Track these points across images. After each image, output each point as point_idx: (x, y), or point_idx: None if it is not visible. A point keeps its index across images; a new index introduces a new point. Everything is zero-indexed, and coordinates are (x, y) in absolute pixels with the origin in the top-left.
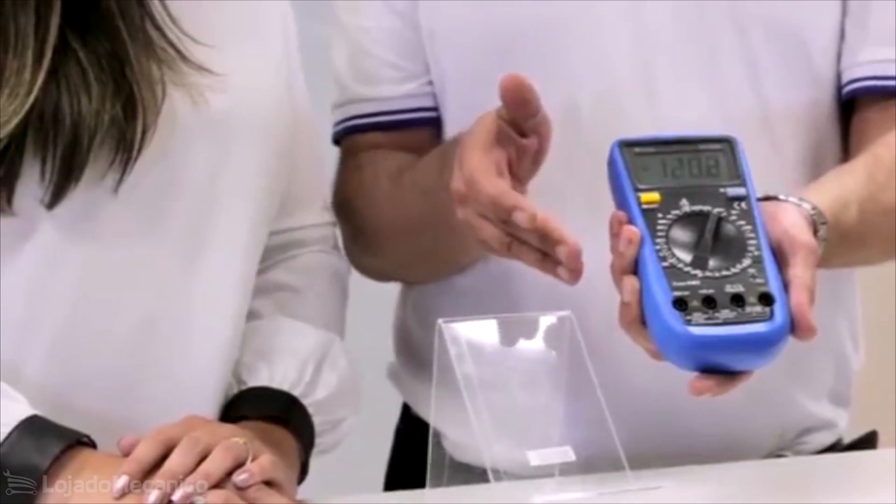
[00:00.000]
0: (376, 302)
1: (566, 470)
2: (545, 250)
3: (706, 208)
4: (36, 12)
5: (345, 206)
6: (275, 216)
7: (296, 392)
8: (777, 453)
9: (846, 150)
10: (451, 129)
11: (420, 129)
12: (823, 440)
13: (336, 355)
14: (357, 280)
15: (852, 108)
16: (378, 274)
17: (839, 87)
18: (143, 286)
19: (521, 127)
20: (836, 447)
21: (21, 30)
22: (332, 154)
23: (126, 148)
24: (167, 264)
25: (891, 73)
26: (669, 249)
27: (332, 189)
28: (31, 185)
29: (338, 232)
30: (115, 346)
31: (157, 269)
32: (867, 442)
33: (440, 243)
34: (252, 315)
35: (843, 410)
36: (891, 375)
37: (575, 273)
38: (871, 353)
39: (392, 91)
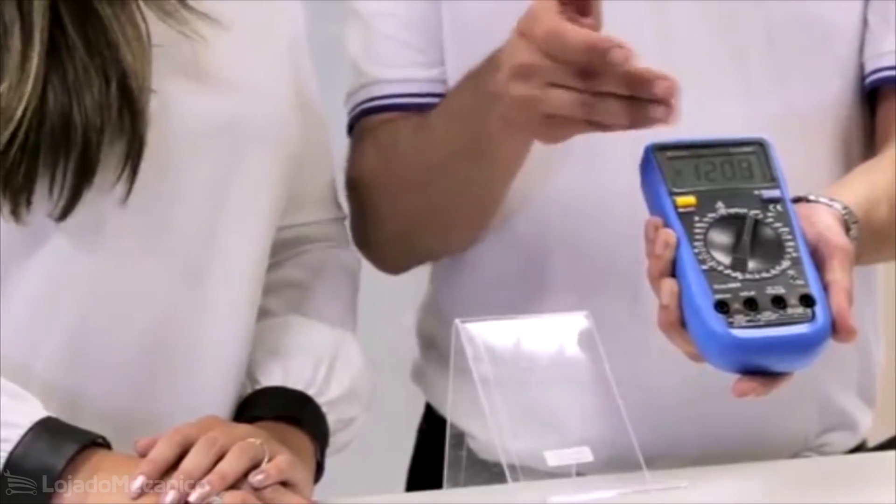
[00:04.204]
0: (397, 302)
1: (585, 470)
2: (634, 95)
3: (743, 211)
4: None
5: (358, 177)
6: (282, 214)
7: (310, 391)
8: (800, 455)
9: (874, 140)
10: None
11: None
12: (847, 442)
13: (349, 352)
14: (379, 280)
15: (876, 98)
16: (385, 248)
17: (864, 78)
18: (153, 293)
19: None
20: (860, 450)
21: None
22: (342, 148)
23: (135, 138)
24: (176, 271)
25: None
26: (708, 252)
27: (345, 166)
28: (42, 194)
29: (348, 226)
30: (125, 353)
31: (166, 276)
32: (892, 445)
33: (474, 173)
34: (264, 313)
35: (867, 409)
36: None
37: (673, 111)
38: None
39: (418, 74)
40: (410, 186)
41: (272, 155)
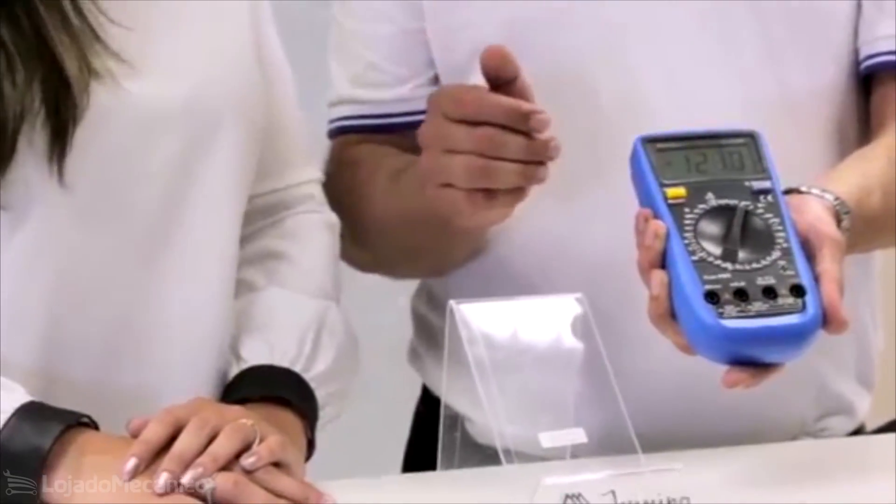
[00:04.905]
0: (393, 283)
1: (579, 452)
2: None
3: (733, 202)
4: None
5: (337, 200)
6: (255, 182)
7: (296, 367)
8: (798, 440)
9: (869, 125)
10: None
11: (411, 133)
12: (845, 426)
13: (333, 323)
14: None
15: (871, 83)
16: (365, 266)
17: (858, 63)
18: (118, 274)
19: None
20: (858, 434)
21: None
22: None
23: (60, 134)
24: (140, 251)
25: None
26: (698, 243)
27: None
28: None
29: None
30: (98, 333)
31: (131, 256)
32: (890, 429)
33: (433, 240)
34: (245, 286)
35: (866, 392)
36: None
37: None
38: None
39: (383, 95)
40: (382, 230)
41: (238, 129)
